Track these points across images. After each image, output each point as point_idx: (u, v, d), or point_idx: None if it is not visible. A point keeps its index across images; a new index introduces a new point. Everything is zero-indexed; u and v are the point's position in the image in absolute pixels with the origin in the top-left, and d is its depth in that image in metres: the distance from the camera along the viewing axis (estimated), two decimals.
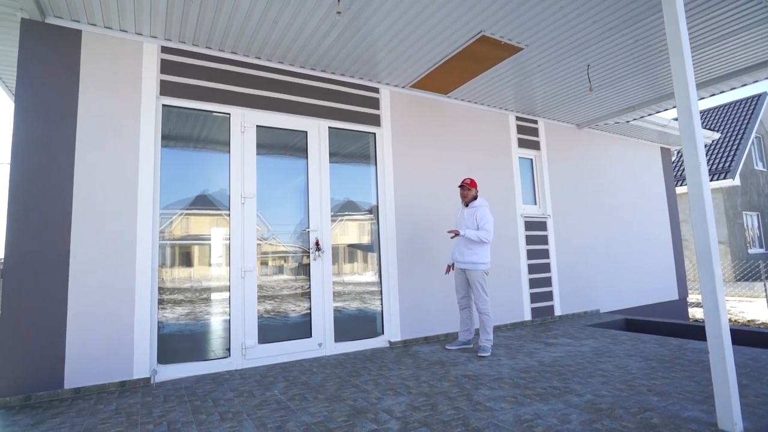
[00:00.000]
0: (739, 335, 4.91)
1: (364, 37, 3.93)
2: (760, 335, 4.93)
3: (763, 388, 2.94)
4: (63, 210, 3.37)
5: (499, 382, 3.25)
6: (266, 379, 3.53)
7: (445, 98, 5.50)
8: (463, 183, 4.38)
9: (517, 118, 6.22)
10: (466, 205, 4.39)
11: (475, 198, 4.37)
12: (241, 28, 3.69)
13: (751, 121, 14.61)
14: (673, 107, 6.23)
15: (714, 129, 15.26)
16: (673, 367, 3.53)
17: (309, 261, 4.40)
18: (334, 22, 3.65)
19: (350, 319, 4.56)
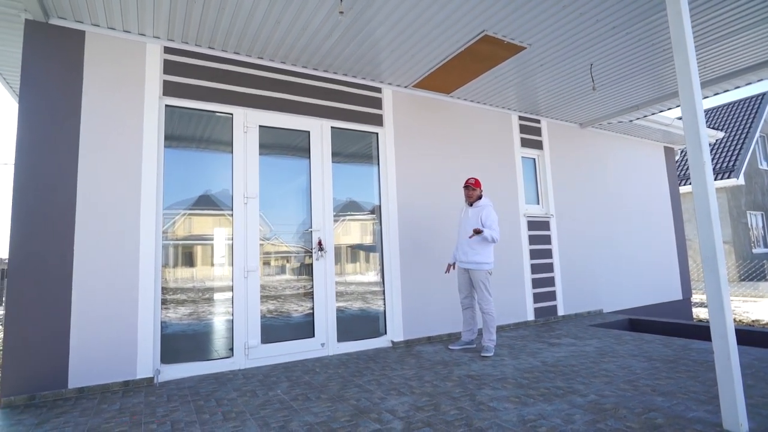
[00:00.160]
0: (744, 335, 4.89)
1: (367, 37, 3.92)
2: (765, 335, 4.91)
3: None
4: (66, 210, 3.38)
5: (502, 382, 3.25)
6: (269, 379, 3.54)
7: (448, 98, 5.49)
8: (467, 183, 4.38)
9: (520, 118, 6.20)
10: (471, 205, 4.39)
11: (480, 198, 4.37)
12: (244, 28, 3.70)
13: (755, 120, 14.51)
14: (677, 106, 6.20)
15: (718, 128, 15.16)
16: (678, 368, 3.51)
17: (311, 261, 4.40)
18: (336, 22, 3.65)
19: (353, 319, 4.56)
